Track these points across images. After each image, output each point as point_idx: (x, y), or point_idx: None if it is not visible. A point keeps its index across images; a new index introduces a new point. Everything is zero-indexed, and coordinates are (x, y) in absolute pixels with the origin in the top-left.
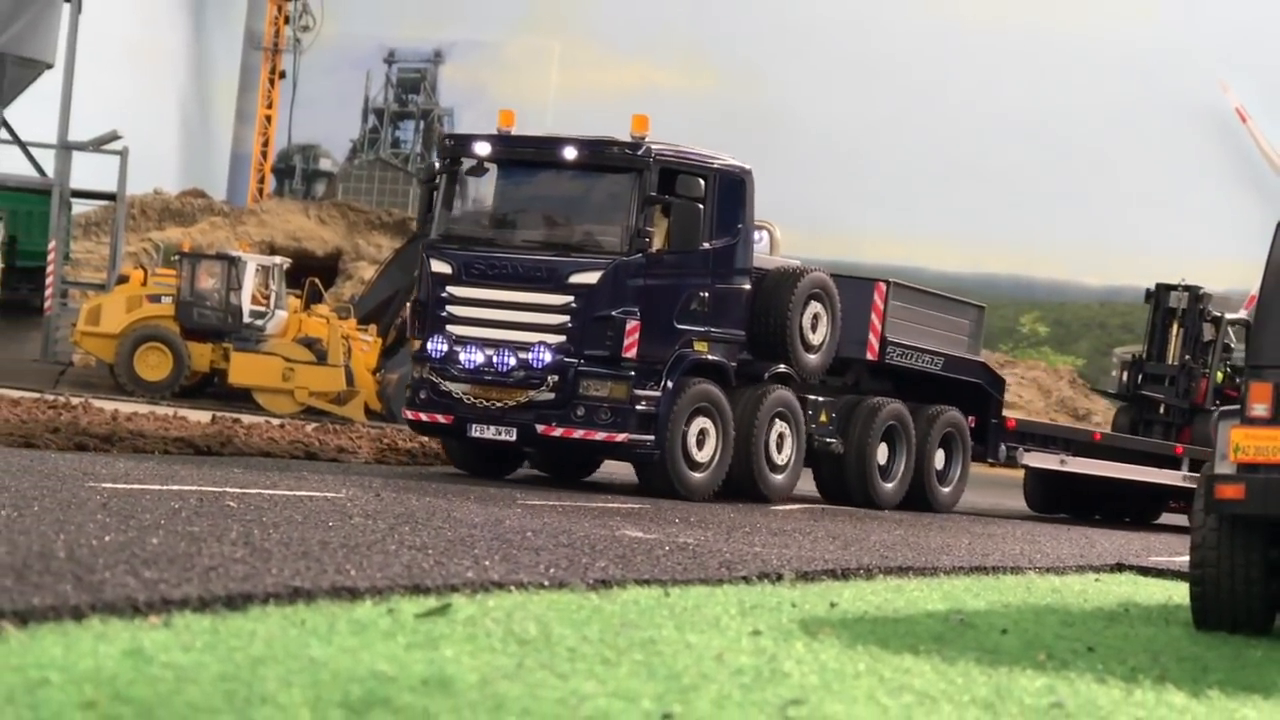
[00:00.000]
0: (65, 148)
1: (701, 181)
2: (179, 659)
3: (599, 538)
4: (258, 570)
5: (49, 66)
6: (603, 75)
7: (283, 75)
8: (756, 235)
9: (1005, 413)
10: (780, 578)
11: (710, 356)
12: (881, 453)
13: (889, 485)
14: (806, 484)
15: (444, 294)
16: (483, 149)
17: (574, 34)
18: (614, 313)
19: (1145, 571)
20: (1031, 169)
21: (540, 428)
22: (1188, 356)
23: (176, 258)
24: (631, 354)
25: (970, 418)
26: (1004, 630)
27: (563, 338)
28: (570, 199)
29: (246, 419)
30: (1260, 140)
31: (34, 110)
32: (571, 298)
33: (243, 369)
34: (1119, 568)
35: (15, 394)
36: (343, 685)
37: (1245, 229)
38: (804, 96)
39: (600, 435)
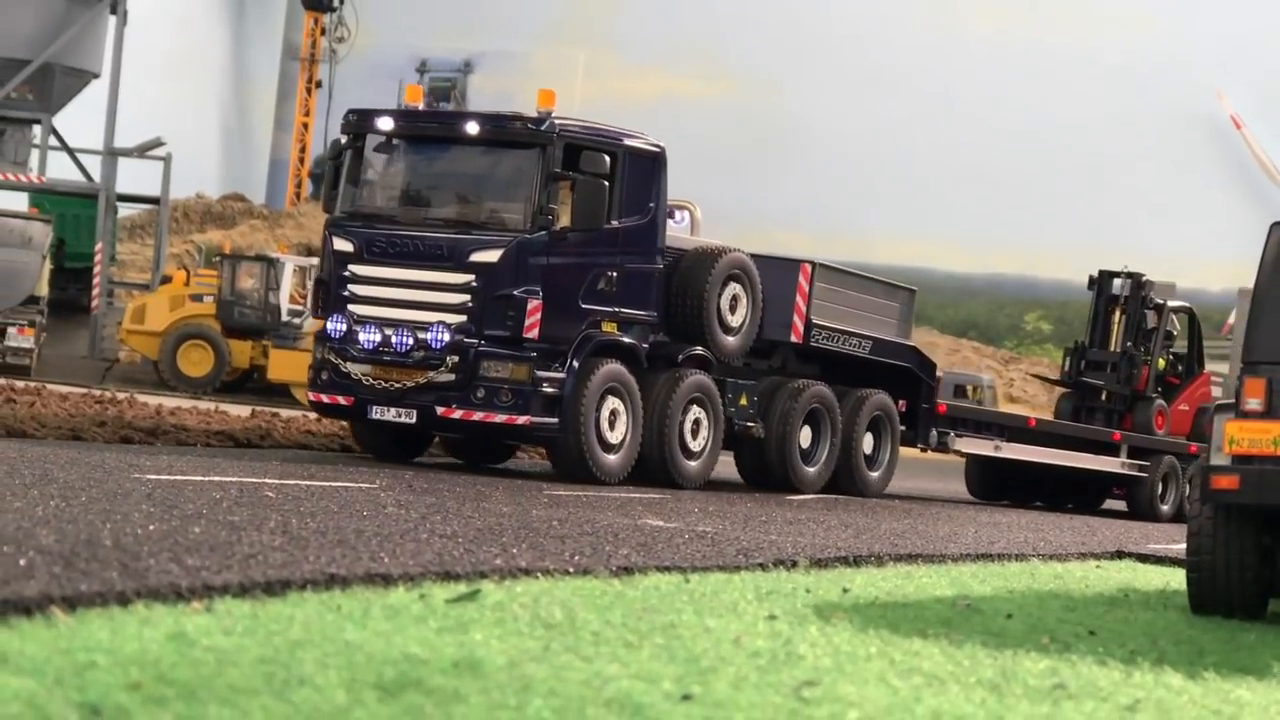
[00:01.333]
0: (111, 154)
1: (607, 158)
2: (220, 642)
3: (622, 526)
4: (295, 558)
5: (96, 76)
6: (625, 84)
7: (319, 84)
8: (677, 216)
9: (951, 399)
10: (795, 565)
11: (619, 337)
12: (804, 436)
13: (811, 469)
14: (728, 469)
15: (346, 273)
16: (385, 124)
17: (598, 45)
18: (515, 292)
19: (1144, 558)
20: (1036, 173)
21: (440, 410)
22: (1129, 344)
23: (217, 259)
24: (533, 334)
25: (900, 402)
26: (1009, 615)
27: (463, 317)
28: (474, 175)
29: (285, 413)
30: (1254, 147)
31: (82, 118)
32: (472, 276)
33: (281, 365)
34: (1119, 555)
35: (64, 389)
36: (377, 667)
37: (1240, 232)
38: (818, 104)
39: (501, 418)
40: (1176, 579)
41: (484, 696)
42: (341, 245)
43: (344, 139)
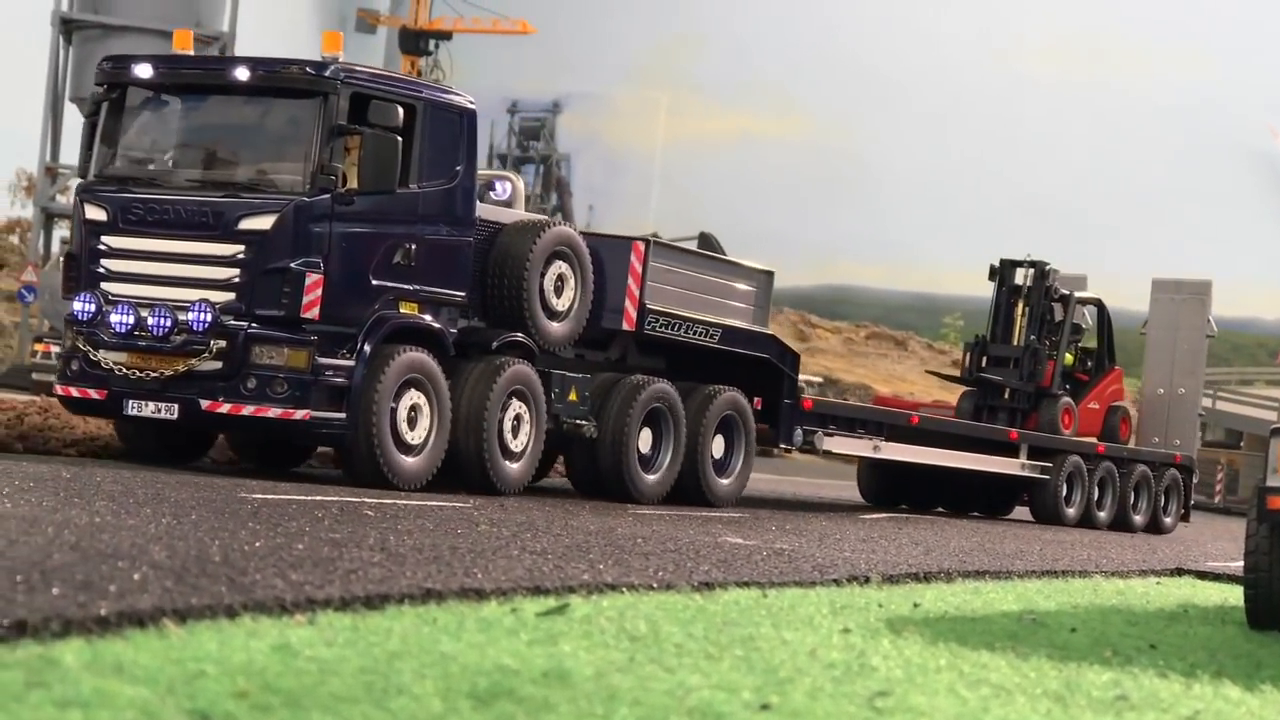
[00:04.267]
0: None
1: (401, 110)
2: (323, 653)
3: (703, 544)
4: (394, 573)
5: None
6: (705, 123)
7: None
8: (498, 187)
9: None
10: (868, 580)
11: (421, 319)
12: (644, 439)
13: (651, 476)
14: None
15: (98, 245)
16: (144, 72)
17: (679, 86)
18: (291, 264)
19: (1203, 575)
20: (1095, 206)
21: (205, 403)
22: (1033, 337)
23: None
24: (312, 314)
25: (756, 399)
26: (1073, 629)
27: (231, 295)
28: (246, 131)
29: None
30: None
31: None
32: (242, 247)
33: None
34: (1178, 572)
35: None
36: (471, 677)
37: None
38: (888, 142)
39: (275, 412)
40: (1234, 595)
41: (572, 705)
42: (93, 213)
43: (99, 91)
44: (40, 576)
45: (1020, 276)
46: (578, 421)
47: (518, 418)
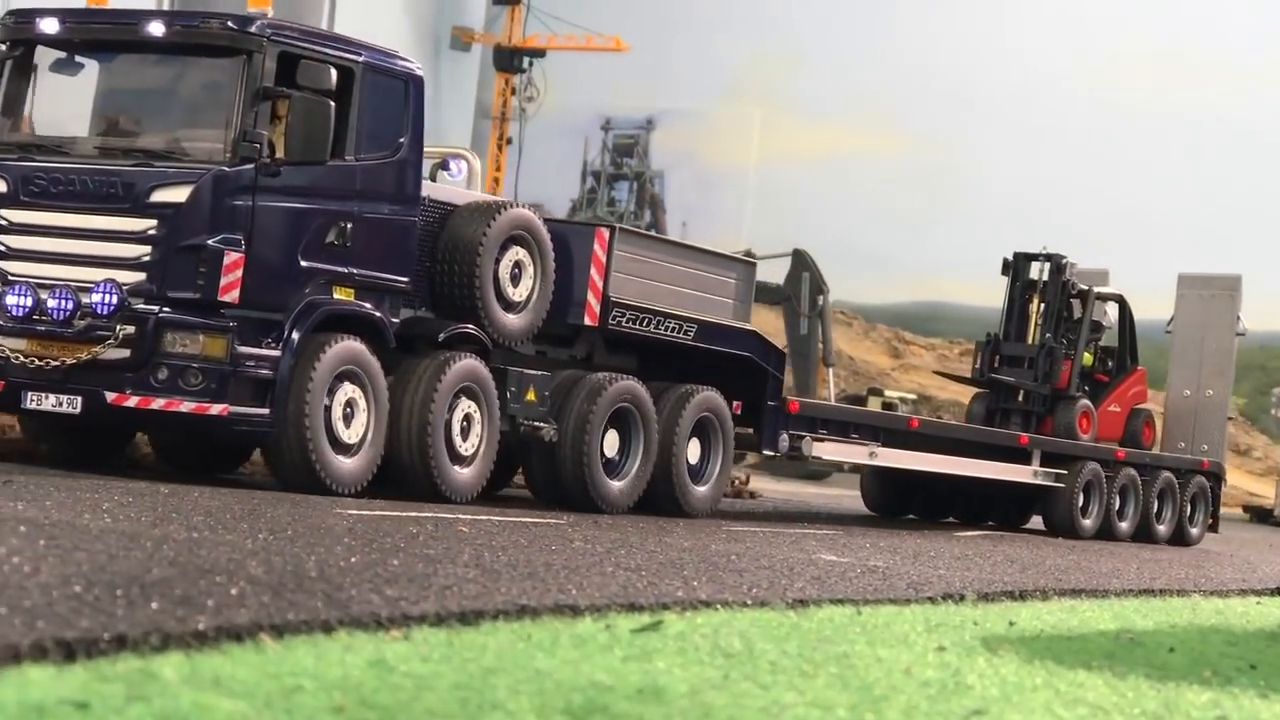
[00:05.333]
0: None
1: (335, 72)
2: (418, 669)
3: (796, 561)
4: (488, 589)
5: None
6: (800, 140)
7: (509, 141)
8: (453, 167)
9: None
10: (963, 598)
11: (358, 306)
12: (609, 443)
13: (617, 483)
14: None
15: None
16: (49, 27)
17: (774, 102)
18: (208, 241)
19: None
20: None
21: (110, 396)
22: (1049, 336)
23: None
24: (231, 296)
25: (735, 403)
26: (1171, 649)
27: (141, 275)
28: (161, 93)
29: None
30: None
31: None
32: (153, 221)
33: None
34: (1279, 591)
35: None
36: (565, 694)
37: None
38: (983, 158)
39: (188, 406)
40: None
41: None
42: None
43: (1, 49)
44: (140, 591)
45: (1035, 271)
46: (536, 424)
47: (467, 418)
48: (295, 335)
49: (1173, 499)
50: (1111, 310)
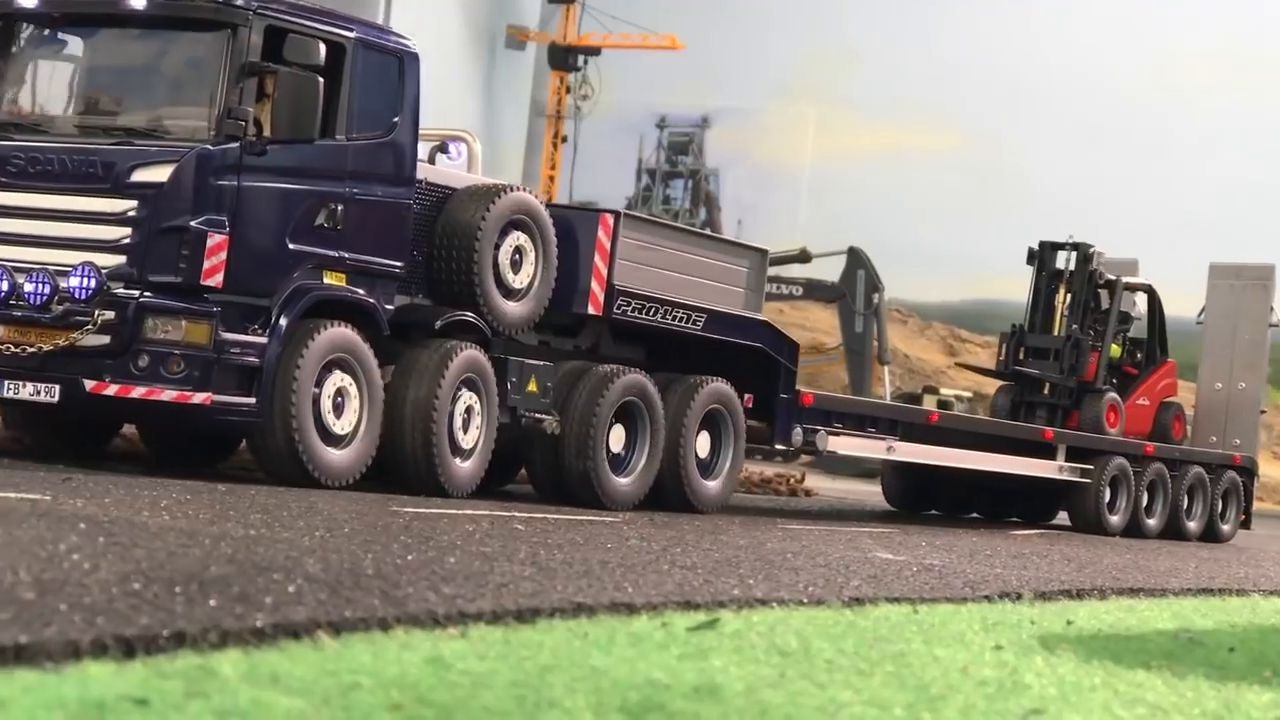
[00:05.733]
0: None
1: (324, 47)
2: (475, 666)
3: (852, 559)
4: (545, 587)
5: None
6: (854, 138)
7: (565, 139)
8: (451, 150)
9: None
10: (1020, 597)
11: (350, 292)
12: (615, 437)
13: (624, 479)
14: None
15: None
16: (27, 0)
17: (828, 101)
18: (191, 223)
19: None
20: (1250, 222)
21: (89, 384)
22: (1075, 327)
23: None
24: (215, 280)
25: (747, 396)
26: (1231, 648)
27: (121, 258)
28: (143, 69)
29: None
30: None
31: None
32: (134, 202)
33: None
34: None
35: None
36: (622, 692)
37: None
38: (1038, 155)
39: (170, 394)
40: None
41: None
42: None
43: None
44: (198, 588)
45: (1061, 260)
46: (538, 416)
47: (469, 410)
48: (283, 321)
49: (1204, 495)
50: (1140, 301)
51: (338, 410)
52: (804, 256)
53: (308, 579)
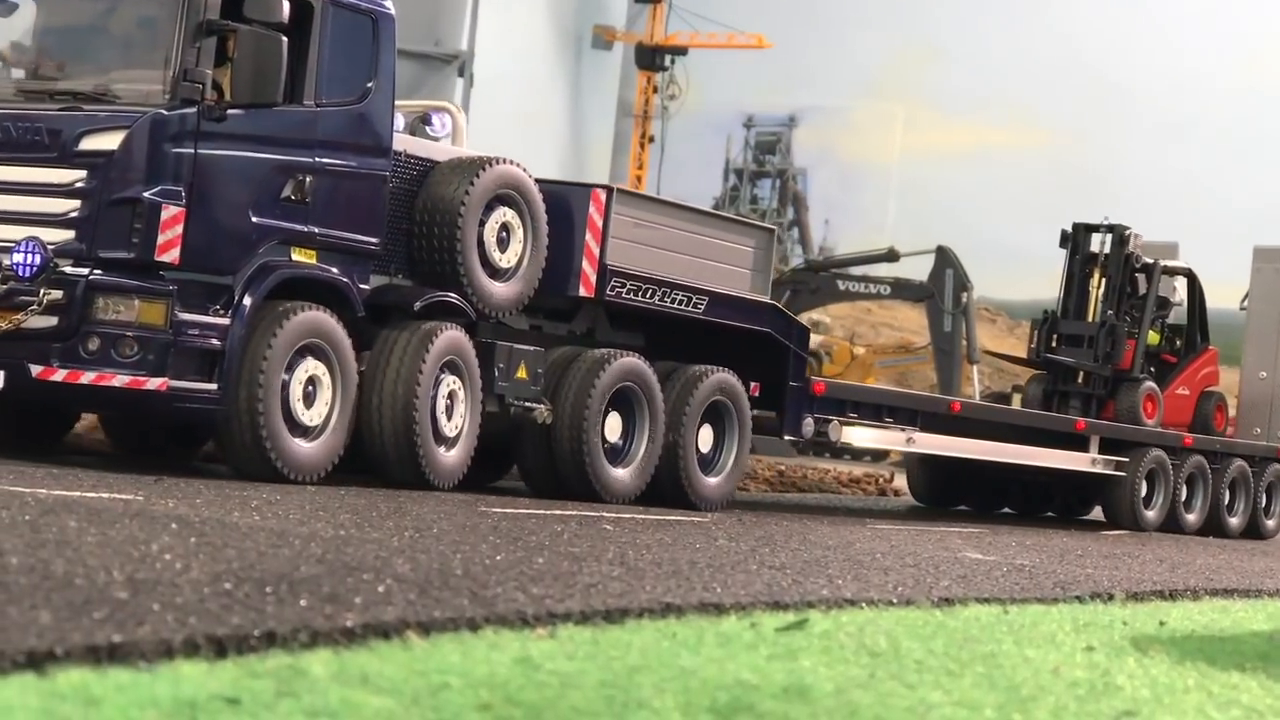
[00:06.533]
0: None
1: (288, 5)
2: (563, 667)
3: (941, 559)
4: (633, 587)
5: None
6: (941, 137)
7: (651, 139)
8: (435, 122)
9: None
10: (1112, 598)
11: (321, 270)
12: (611, 426)
13: (621, 471)
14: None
15: None
16: None
17: (915, 99)
18: (144, 194)
19: None
20: None
21: (36, 369)
22: (1110, 313)
23: None
24: (170, 256)
25: (753, 384)
26: None
27: (69, 233)
28: (93, 30)
29: None
30: None
31: None
32: (82, 172)
33: None
34: None
35: None
36: (711, 692)
37: None
38: (1126, 153)
39: (122, 379)
40: None
41: None
42: None
43: None
44: (288, 588)
45: (1096, 243)
46: (528, 404)
47: (451, 395)
48: (247, 301)
49: (1246, 489)
50: (1180, 285)
51: (308, 399)
52: (892, 255)
53: (397, 579)
